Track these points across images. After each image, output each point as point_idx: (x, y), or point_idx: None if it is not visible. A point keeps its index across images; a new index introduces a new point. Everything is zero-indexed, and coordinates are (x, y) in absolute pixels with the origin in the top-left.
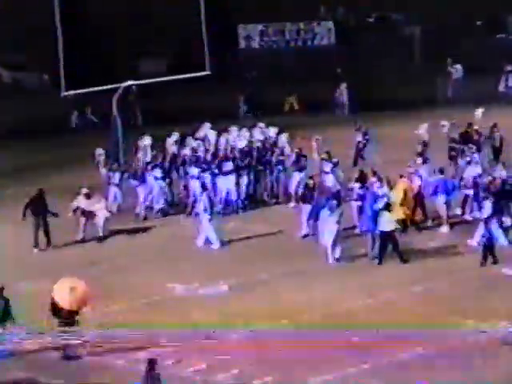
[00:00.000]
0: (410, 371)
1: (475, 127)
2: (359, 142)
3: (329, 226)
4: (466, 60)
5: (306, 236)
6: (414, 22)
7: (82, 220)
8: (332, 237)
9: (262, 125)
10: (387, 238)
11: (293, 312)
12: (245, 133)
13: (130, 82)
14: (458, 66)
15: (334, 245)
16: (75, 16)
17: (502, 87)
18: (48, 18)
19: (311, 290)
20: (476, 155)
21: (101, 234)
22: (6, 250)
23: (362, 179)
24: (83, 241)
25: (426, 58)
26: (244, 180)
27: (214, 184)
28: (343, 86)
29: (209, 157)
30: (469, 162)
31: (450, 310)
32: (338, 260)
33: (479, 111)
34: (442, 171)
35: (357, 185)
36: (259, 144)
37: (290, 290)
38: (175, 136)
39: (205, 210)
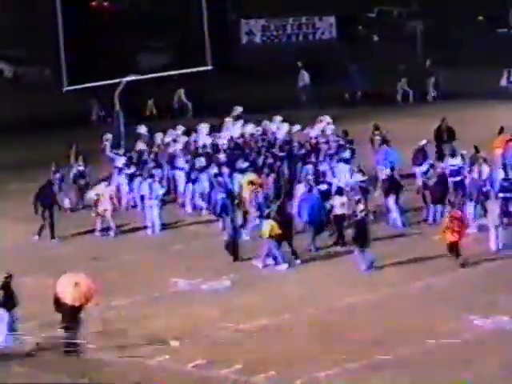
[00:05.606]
0: (409, 368)
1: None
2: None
3: None
4: (466, 56)
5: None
6: (415, 16)
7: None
8: None
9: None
10: (340, 220)
11: (294, 306)
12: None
13: (132, 77)
14: (305, 73)
15: None
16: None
17: (503, 82)
18: (49, 13)
19: (312, 285)
20: None
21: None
22: (8, 244)
23: None
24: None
25: (427, 53)
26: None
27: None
28: (181, 91)
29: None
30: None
31: (450, 306)
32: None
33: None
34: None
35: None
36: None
37: (292, 284)
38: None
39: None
